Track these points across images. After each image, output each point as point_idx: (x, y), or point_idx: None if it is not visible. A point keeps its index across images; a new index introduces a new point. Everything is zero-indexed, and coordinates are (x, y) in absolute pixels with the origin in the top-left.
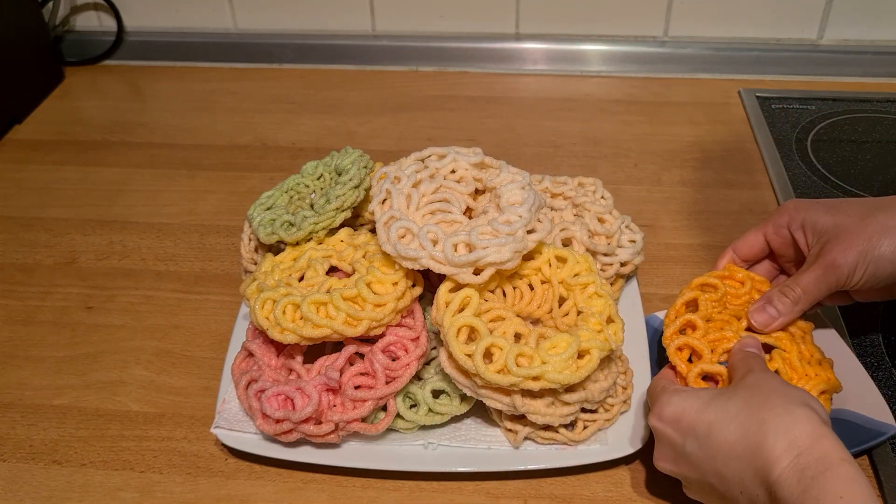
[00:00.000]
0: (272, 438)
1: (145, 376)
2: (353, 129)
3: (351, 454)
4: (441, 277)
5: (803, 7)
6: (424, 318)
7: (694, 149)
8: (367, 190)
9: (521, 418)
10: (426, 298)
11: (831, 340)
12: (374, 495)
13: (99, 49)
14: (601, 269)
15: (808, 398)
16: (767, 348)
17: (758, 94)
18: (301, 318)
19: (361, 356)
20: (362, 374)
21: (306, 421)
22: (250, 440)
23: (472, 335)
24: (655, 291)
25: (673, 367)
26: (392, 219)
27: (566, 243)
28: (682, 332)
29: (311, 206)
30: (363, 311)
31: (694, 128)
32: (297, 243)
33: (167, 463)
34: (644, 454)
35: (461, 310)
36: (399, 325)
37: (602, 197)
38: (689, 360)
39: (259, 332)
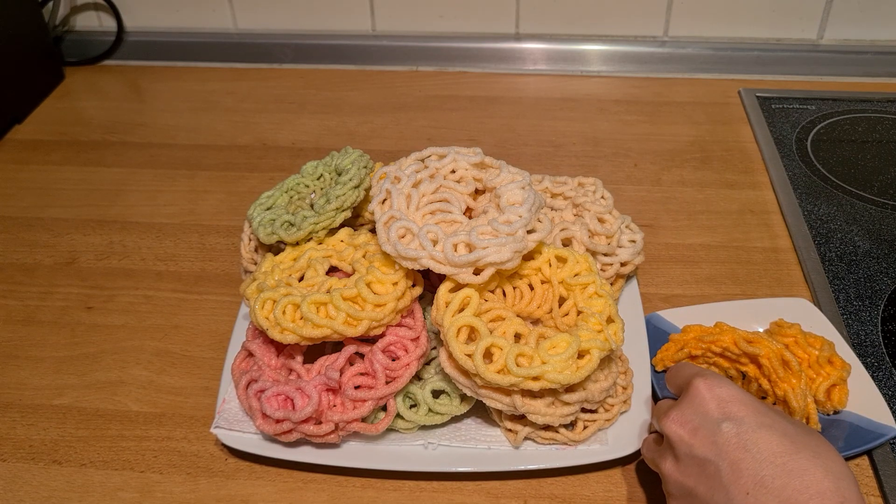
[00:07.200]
0: (272, 438)
1: (145, 376)
2: (353, 129)
3: (351, 454)
4: (441, 277)
5: (803, 7)
6: (424, 318)
7: (694, 149)
8: (367, 190)
9: (521, 418)
10: (426, 298)
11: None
12: (374, 495)
13: (99, 49)
14: (601, 269)
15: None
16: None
17: (758, 94)
18: (301, 318)
19: (361, 356)
20: (362, 374)
21: (306, 421)
22: (250, 440)
23: (472, 335)
24: (655, 291)
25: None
26: (392, 219)
27: (566, 243)
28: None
29: (311, 206)
30: (363, 311)
31: (694, 128)
32: (297, 243)
33: (167, 463)
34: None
35: (461, 310)
36: (399, 325)
37: (602, 197)
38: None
39: (259, 332)
